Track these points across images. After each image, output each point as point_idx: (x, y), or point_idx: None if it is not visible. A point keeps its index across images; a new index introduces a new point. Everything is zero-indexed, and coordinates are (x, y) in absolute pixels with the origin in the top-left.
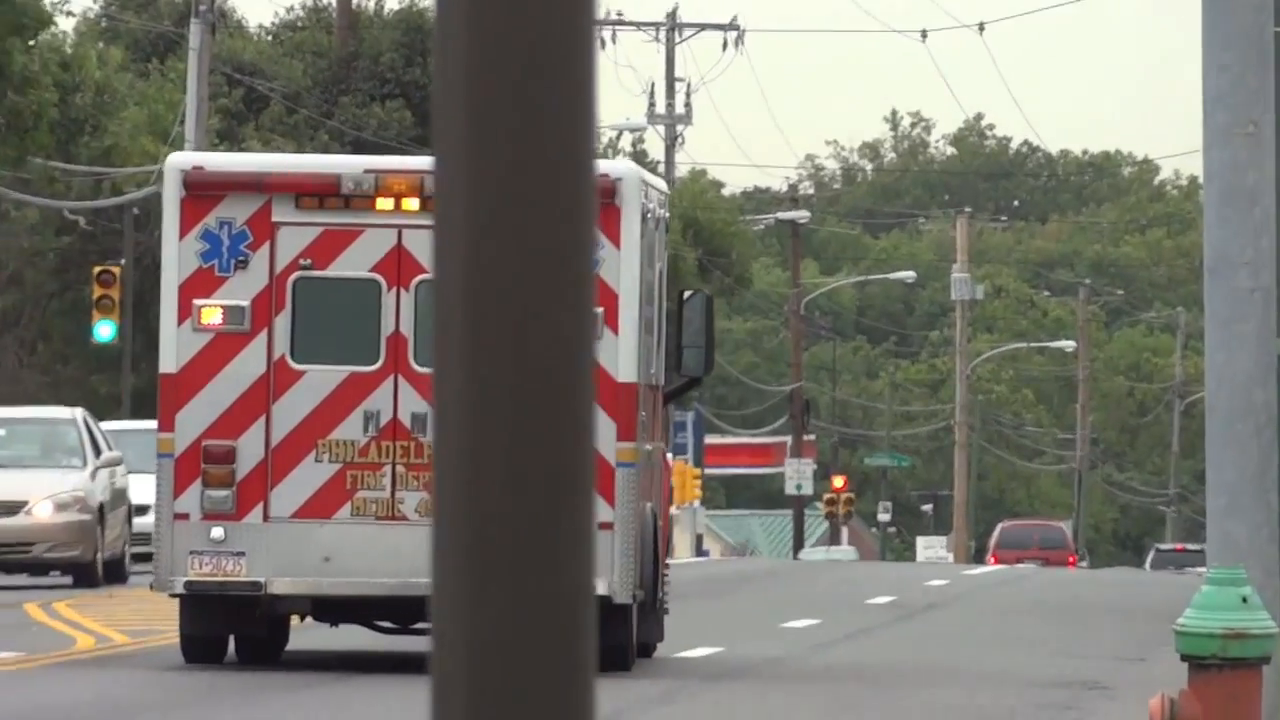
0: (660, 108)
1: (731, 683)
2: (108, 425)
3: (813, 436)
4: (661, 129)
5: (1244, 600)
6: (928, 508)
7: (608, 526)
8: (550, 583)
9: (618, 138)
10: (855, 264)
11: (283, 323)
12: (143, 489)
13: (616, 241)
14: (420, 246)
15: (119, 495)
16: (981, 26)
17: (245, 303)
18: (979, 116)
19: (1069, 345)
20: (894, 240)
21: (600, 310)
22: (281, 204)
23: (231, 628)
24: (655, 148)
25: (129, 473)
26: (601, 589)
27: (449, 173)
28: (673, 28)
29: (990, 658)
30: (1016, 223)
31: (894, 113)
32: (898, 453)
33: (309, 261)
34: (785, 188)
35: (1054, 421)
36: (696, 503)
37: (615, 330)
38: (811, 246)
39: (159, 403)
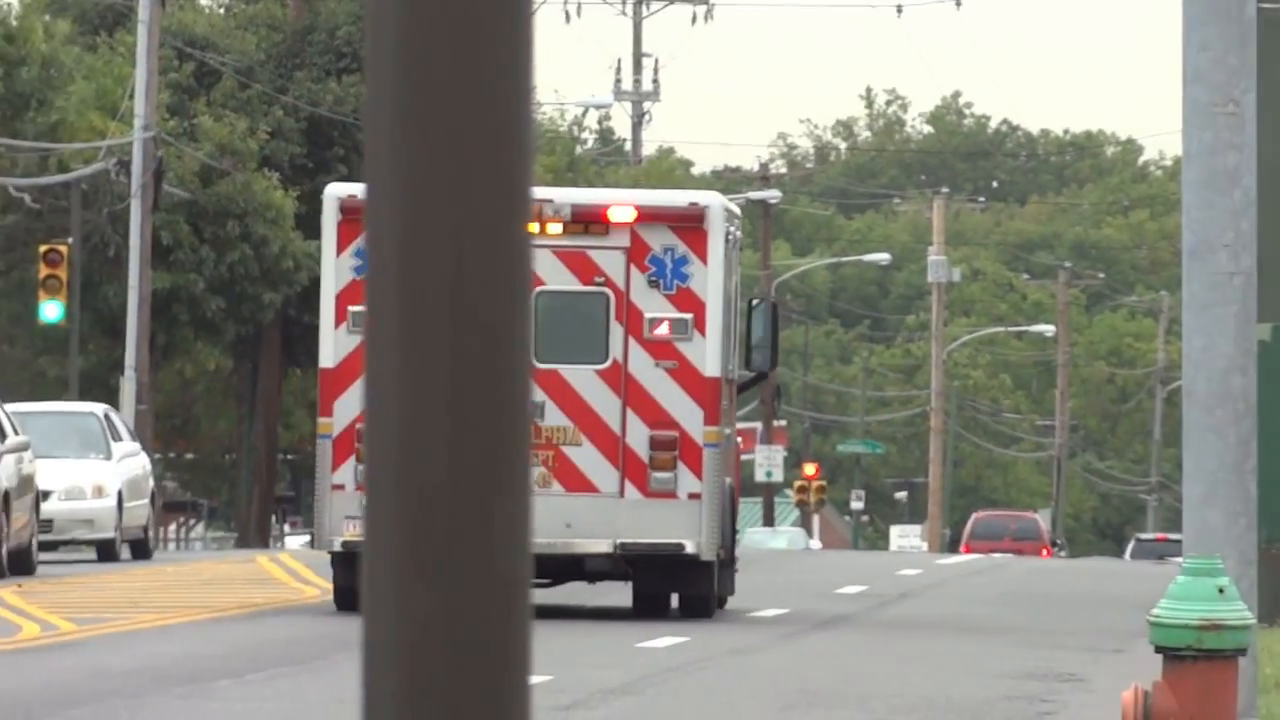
0: (627, 84)
1: (697, 673)
2: (14, 407)
3: (784, 422)
4: (629, 106)
5: (1220, 591)
6: (902, 495)
7: (696, 497)
8: (486, 571)
9: (584, 115)
10: (829, 245)
11: None
12: (52, 474)
13: (704, 259)
14: (540, 262)
15: (26, 482)
16: (959, 1)
17: None
18: (957, 94)
19: (1048, 330)
20: (869, 221)
21: (691, 316)
22: None
23: None
24: (622, 125)
25: (36, 458)
26: (690, 549)
27: (380, 155)
28: (640, 1)
29: (964, 648)
30: (995, 204)
31: (869, 90)
32: (871, 439)
33: None
34: (756, 166)
35: (1032, 408)
36: None
37: (703, 333)
38: (783, 227)
39: (319, 393)
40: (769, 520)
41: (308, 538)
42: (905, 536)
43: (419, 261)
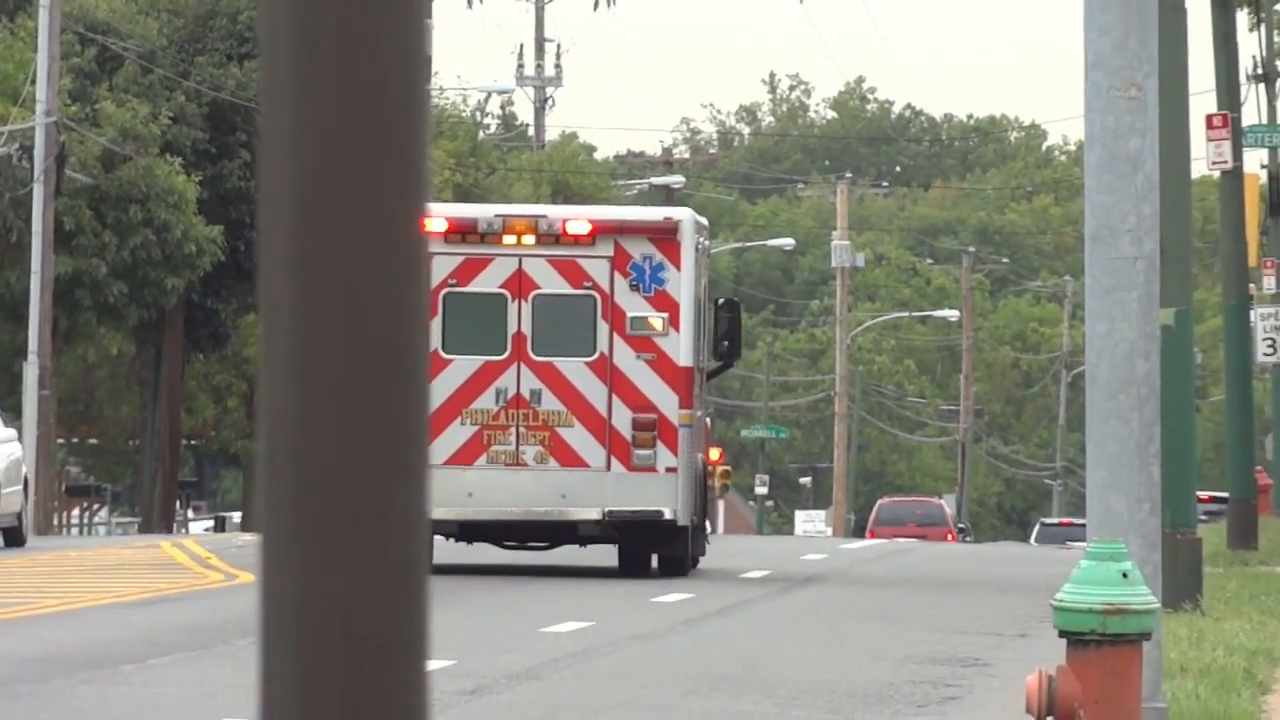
0: (530, 69)
1: (601, 658)
2: None
3: None
4: (531, 91)
5: (1124, 575)
6: (806, 480)
7: (672, 470)
8: (383, 555)
9: (486, 100)
10: (732, 230)
11: (435, 325)
12: None
13: (677, 265)
14: (535, 270)
15: None
16: None
17: None
18: (860, 79)
19: (952, 315)
20: (772, 206)
21: (666, 314)
22: (433, 239)
23: None
24: (525, 110)
25: None
26: (668, 515)
27: (275, 139)
28: None
29: (867, 633)
30: (899, 189)
31: (772, 75)
32: (776, 424)
33: (455, 281)
34: (660, 152)
35: (937, 393)
36: None
37: (677, 328)
38: None
39: None
40: None
41: (211, 522)
42: (810, 521)
43: (314, 246)
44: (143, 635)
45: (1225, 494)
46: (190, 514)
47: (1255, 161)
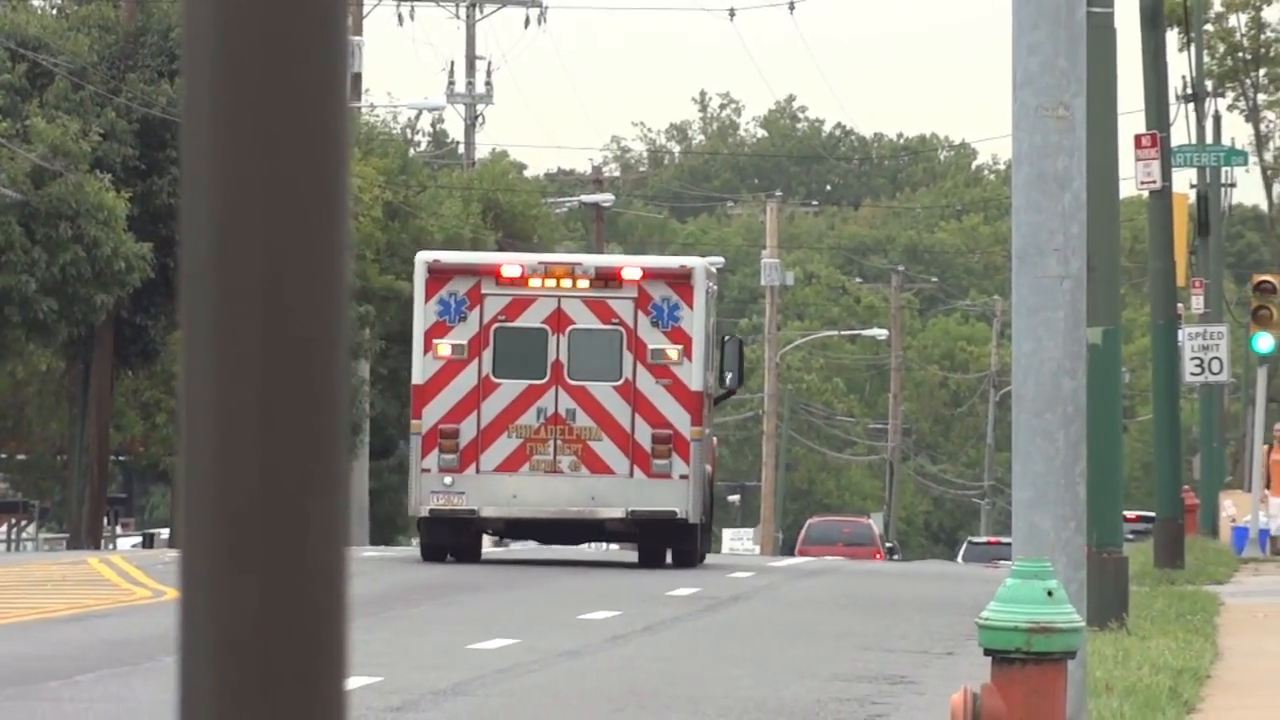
0: (460, 86)
1: (528, 674)
2: None
3: None
4: (462, 108)
5: (1049, 594)
6: (734, 498)
7: (685, 477)
8: (301, 568)
9: (417, 118)
10: (662, 249)
11: (488, 354)
12: None
13: (690, 305)
14: (572, 308)
15: None
16: (792, 5)
17: (464, 341)
18: (790, 98)
19: (881, 333)
20: (702, 224)
21: (681, 346)
22: (487, 282)
23: (452, 539)
24: (455, 127)
25: None
26: (681, 515)
27: (196, 156)
28: (473, 4)
29: (795, 650)
30: (829, 208)
31: (703, 94)
32: None
33: (504, 317)
34: (590, 170)
35: (866, 411)
36: None
37: (690, 359)
38: (617, 230)
39: (412, 402)
40: None
41: (139, 538)
42: (738, 539)
43: (234, 262)
44: (69, 651)
45: (1152, 513)
46: (118, 530)
47: (1184, 182)
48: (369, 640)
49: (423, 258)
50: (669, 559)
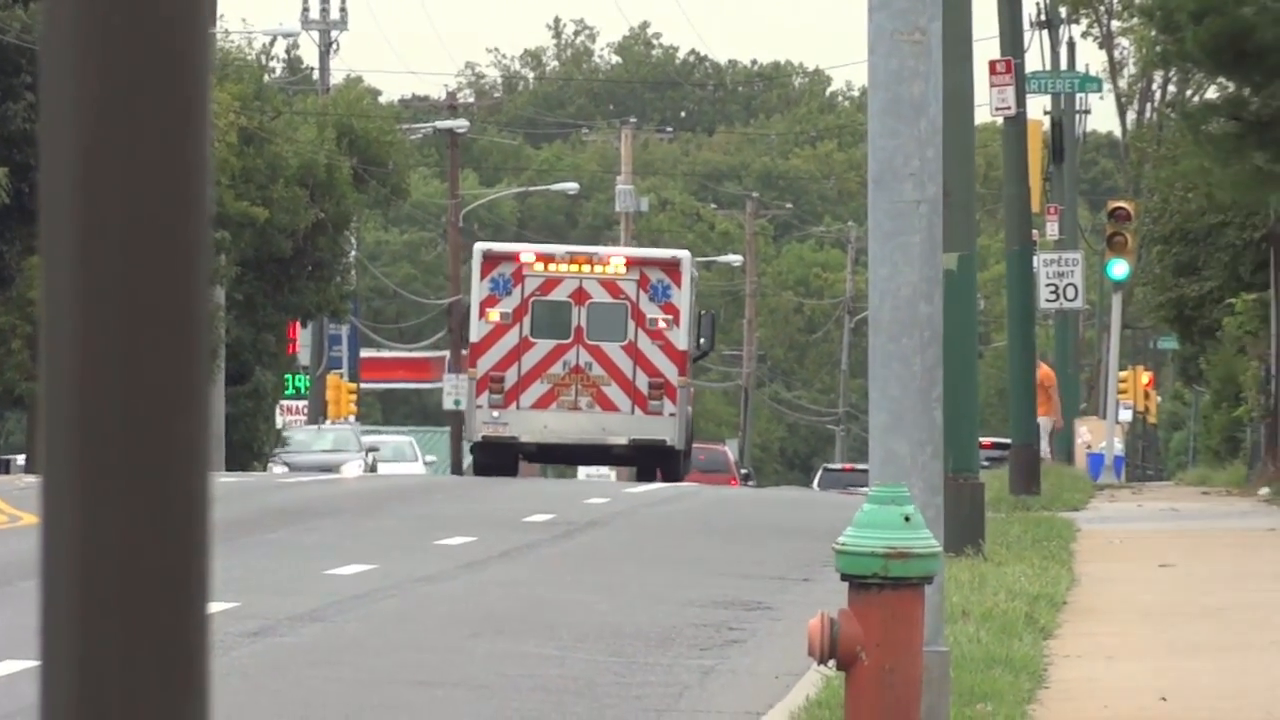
0: (315, 13)
1: (384, 600)
2: None
3: None
4: (316, 35)
5: (906, 519)
6: None
7: (673, 415)
8: (163, 494)
9: (271, 44)
10: (516, 175)
11: (527, 320)
12: None
13: (679, 285)
14: (590, 287)
15: None
16: None
17: (510, 310)
18: (645, 25)
19: (736, 260)
20: (556, 151)
21: (671, 316)
22: (527, 265)
23: (497, 460)
24: (310, 54)
25: None
26: (669, 442)
27: (56, 83)
28: None
29: (651, 576)
30: (683, 134)
31: (557, 20)
32: None
33: (540, 292)
34: (444, 96)
35: (721, 338)
36: (352, 418)
37: (678, 325)
38: (471, 157)
39: (469, 355)
40: (456, 449)
41: None
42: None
43: (95, 186)
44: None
45: (1008, 440)
46: None
47: (1039, 108)
48: (227, 566)
49: (480, 247)
50: (659, 476)
